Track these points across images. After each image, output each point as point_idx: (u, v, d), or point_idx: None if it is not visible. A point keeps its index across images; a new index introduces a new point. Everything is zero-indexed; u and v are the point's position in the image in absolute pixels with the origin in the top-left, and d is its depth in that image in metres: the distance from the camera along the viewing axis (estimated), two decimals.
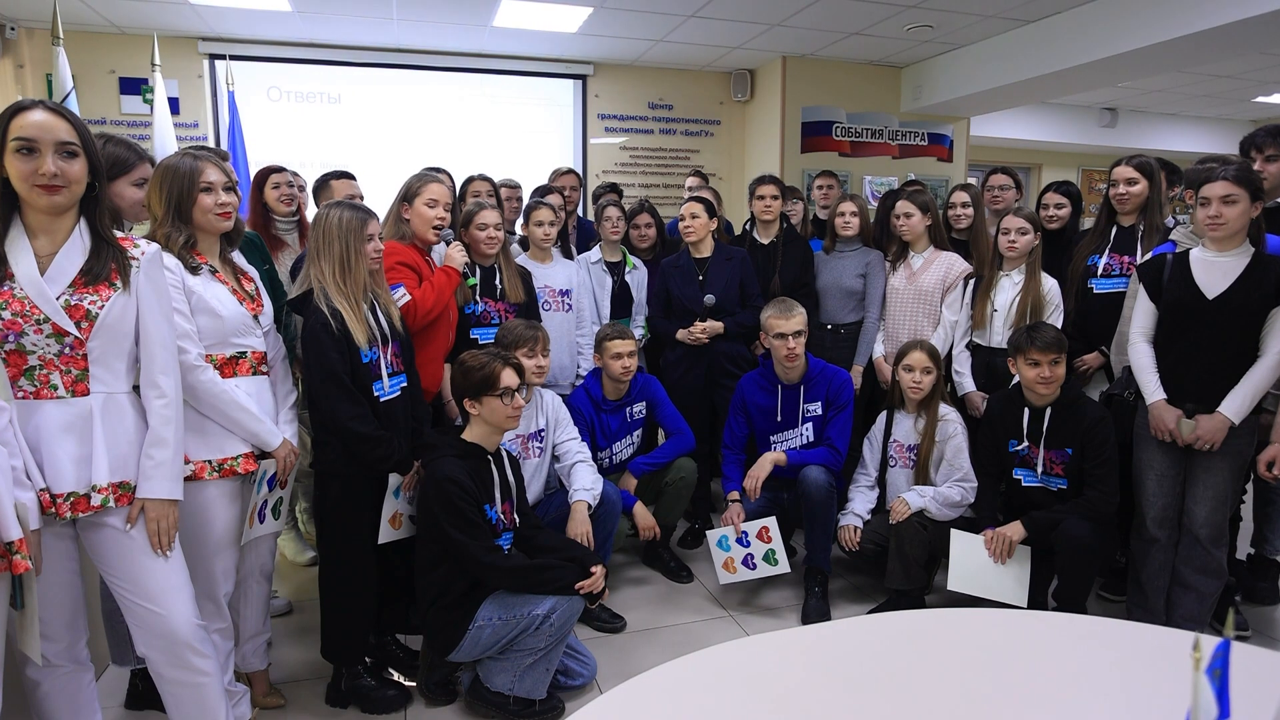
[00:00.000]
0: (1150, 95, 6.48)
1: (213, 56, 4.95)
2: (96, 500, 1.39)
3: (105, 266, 1.41)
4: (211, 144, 5.01)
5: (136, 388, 1.51)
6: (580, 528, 2.31)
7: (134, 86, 4.89)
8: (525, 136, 5.48)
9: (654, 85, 5.62)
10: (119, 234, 1.48)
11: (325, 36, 4.87)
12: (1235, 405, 2.11)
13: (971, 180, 4.98)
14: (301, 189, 3.12)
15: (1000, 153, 7.30)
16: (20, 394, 1.35)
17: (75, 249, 1.40)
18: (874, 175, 5.50)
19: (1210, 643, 0.60)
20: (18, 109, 1.35)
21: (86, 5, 4.22)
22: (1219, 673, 0.58)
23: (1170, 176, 3.10)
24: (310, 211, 3.15)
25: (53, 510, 1.36)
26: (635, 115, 5.65)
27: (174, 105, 4.84)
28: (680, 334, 3.06)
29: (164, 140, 4.16)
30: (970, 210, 3.19)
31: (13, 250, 1.35)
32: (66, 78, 3.80)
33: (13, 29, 4.53)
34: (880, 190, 5.41)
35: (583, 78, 5.50)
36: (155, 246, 1.54)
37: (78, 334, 1.37)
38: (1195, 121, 7.27)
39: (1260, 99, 6.44)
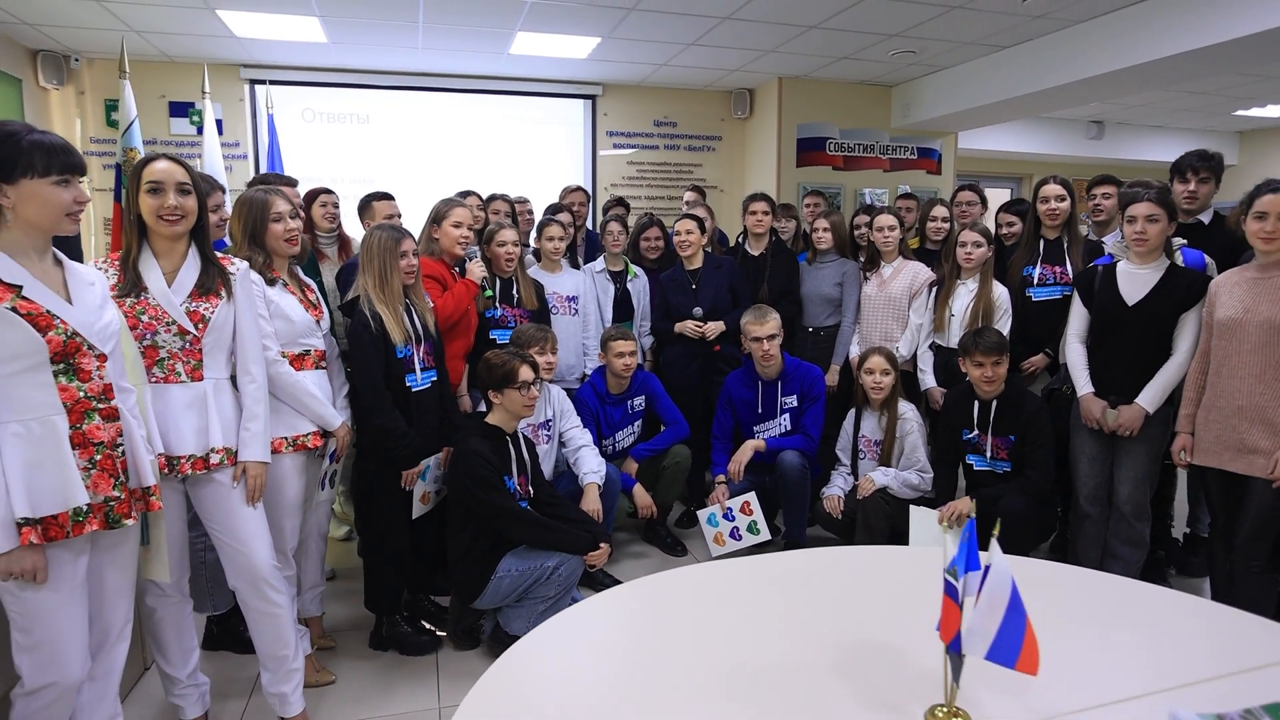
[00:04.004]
0: (1135, 109, 6.77)
1: (253, 81, 5.39)
2: (215, 459, 1.78)
3: (213, 280, 1.81)
4: (250, 161, 5.46)
5: (230, 377, 1.90)
6: (592, 505, 2.68)
7: (182, 110, 5.35)
8: (540, 152, 5.88)
9: (659, 104, 6.00)
10: (218, 254, 1.88)
11: (356, 63, 5.30)
12: (1150, 397, 2.45)
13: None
14: (337, 206, 3.52)
15: (991, 163, 7.60)
16: (154, 379, 1.74)
17: (191, 267, 1.79)
18: (866, 188, 5.84)
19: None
20: (147, 161, 1.75)
21: (142, 38, 4.66)
22: (967, 536, 0.94)
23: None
24: (348, 226, 3.56)
25: (167, 470, 1.75)
26: (642, 132, 6.03)
27: (218, 127, 5.28)
28: (677, 327, 3.42)
29: (213, 160, 4.61)
30: (948, 224, 3.56)
31: (145, 269, 1.75)
32: (131, 108, 4.24)
33: (76, 60, 5.00)
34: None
35: (592, 97, 5.89)
36: (245, 264, 1.93)
37: (196, 333, 1.76)
38: (1180, 133, 7.53)
39: (1240, 112, 6.71)
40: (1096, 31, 4.27)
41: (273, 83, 5.28)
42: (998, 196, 8.14)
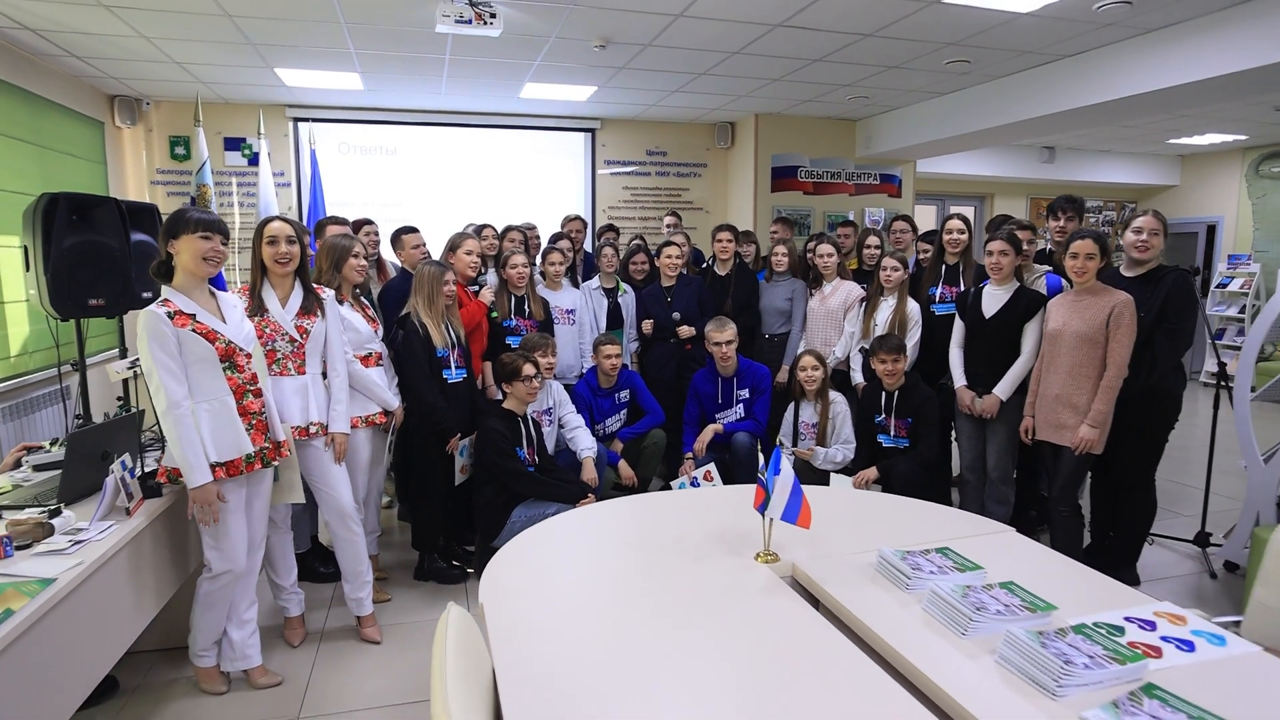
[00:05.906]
0: (1082, 136, 7.50)
1: (297, 119, 6.20)
2: (313, 430, 2.57)
3: (312, 304, 2.60)
4: (293, 189, 6.27)
5: (320, 372, 2.68)
6: (589, 474, 3.45)
7: (235, 144, 6.16)
8: (546, 178, 6.69)
9: (651, 135, 6.79)
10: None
11: (387, 103, 6.10)
12: (1003, 388, 3.21)
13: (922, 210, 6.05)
14: (377, 235, 4.31)
15: (955, 184, 8.35)
16: (273, 373, 2.52)
17: (296, 295, 2.58)
18: (833, 211, 6.60)
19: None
20: (267, 221, 2.53)
21: (204, 85, 5.48)
22: (773, 458, 1.70)
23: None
24: (382, 250, 4.36)
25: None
26: (635, 160, 6.83)
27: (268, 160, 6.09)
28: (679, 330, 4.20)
29: (266, 189, 5.44)
30: (880, 250, 4.32)
31: (266, 297, 2.54)
32: (203, 150, 5.08)
33: (147, 103, 5.83)
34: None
35: (592, 130, 6.69)
36: (331, 292, 2.72)
37: (301, 340, 2.55)
38: (1125, 157, 8.26)
39: (1172, 140, 7.44)
40: (1023, 82, 4.99)
41: (314, 120, 6.09)
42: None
